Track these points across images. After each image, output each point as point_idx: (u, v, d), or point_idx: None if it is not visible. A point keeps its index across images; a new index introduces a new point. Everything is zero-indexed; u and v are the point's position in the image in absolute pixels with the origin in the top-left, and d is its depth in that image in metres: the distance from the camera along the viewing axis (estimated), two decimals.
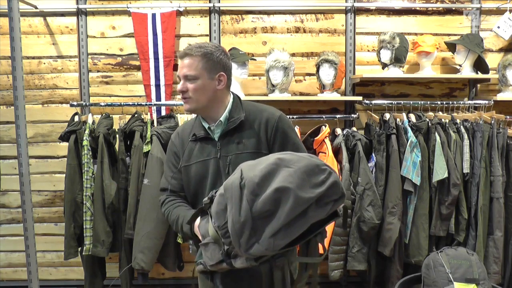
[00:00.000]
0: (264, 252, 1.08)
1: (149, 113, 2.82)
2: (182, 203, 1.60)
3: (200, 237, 1.33)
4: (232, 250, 1.15)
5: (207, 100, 1.52)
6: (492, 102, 2.96)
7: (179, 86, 1.51)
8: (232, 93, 1.62)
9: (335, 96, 2.97)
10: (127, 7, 3.05)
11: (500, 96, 3.02)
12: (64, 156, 3.04)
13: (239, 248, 1.09)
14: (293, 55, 3.07)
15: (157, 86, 3.09)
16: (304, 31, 3.18)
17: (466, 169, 2.74)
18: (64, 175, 2.79)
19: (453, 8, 3.18)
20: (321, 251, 1.34)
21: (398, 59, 2.89)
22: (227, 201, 1.11)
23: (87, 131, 2.71)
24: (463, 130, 2.79)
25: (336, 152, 2.81)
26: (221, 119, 1.53)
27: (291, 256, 1.24)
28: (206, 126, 1.56)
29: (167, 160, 1.65)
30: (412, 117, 2.83)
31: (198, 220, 1.37)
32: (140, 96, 3.17)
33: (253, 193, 1.06)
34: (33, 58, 3.16)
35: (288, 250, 1.17)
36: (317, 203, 1.09)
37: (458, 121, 2.84)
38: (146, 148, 2.66)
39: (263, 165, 1.10)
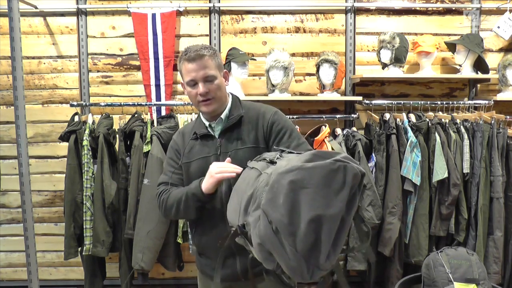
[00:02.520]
0: (325, 272, 1.06)
1: (149, 113, 2.82)
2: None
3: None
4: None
5: (224, 97, 1.56)
6: (492, 102, 2.96)
7: (201, 89, 1.48)
8: (231, 93, 1.65)
9: (335, 96, 2.97)
10: (127, 7, 3.05)
11: (500, 96, 3.02)
12: (64, 156, 3.04)
13: (302, 280, 1.06)
14: (293, 55, 3.07)
15: (157, 86, 3.09)
16: (304, 31, 3.18)
17: (466, 169, 2.74)
18: (64, 175, 2.79)
19: (453, 8, 3.18)
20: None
21: (398, 59, 2.88)
22: (270, 250, 1.08)
23: (87, 131, 2.71)
24: (463, 130, 2.79)
25: None
26: (221, 116, 1.55)
27: (347, 252, 1.22)
28: (207, 124, 1.57)
29: (168, 157, 1.65)
30: (412, 117, 2.83)
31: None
32: (140, 96, 3.17)
33: (290, 235, 1.01)
34: (33, 58, 3.16)
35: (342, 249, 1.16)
36: (346, 203, 1.03)
37: (458, 121, 2.84)
38: (146, 148, 2.66)
39: (281, 197, 1.03)
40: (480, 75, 3.01)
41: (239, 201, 1.23)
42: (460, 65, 3.05)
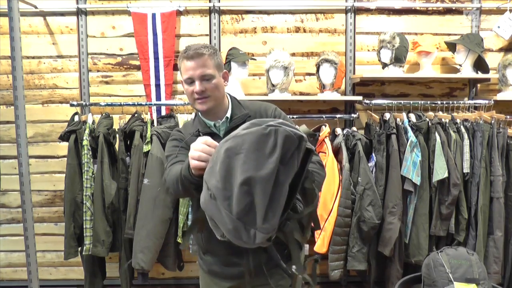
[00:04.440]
0: (268, 236, 1.09)
1: (149, 113, 2.82)
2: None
3: None
4: None
5: (222, 97, 1.56)
6: (492, 102, 2.96)
7: (197, 87, 1.48)
8: (227, 93, 1.65)
9: (335, 96, 2.97)
10: (127, 7, 3.05)
11: (500, 96, 3.02)
12: (64, 156, 3.04)
13: (246, 245, 1.10)
14: (293, 55, 3.07)
15: (157, 86, 3.09)
16: (304, 31, 3.18)
17: (466, 169, 2.74)
18: (64, 175, 2.79)
19: (453, 8, 3.18)
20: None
21: (398, 59, 2.88)
22: (211, 216, 1.13)
23: (87, 131, 2.72)
24: (463, 130, 2.79)
25: (336, 152, 2.81)
26: (227, 115, 1.56)
27: (294, 216, 1.23)
28: (211, 123, 1.57)
29: (169, 146, 1.62)
30: (412, 117, 2.83)
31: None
32: (140, 96, 3.17)
33: (224, 199, 1.05)
34: (33, 58, 3.16)
35: (288, 213, 1.17)
36: (282, 164, 1.06)
37: (458, 121, 2.84)
38: (146, 148, 2.66)
39: (218, 164, 1.08)
40: (480, 75, 3.01)
41: None
42: (460, 65, 3.05)
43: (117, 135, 2.80)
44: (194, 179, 1.31)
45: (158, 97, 3.10)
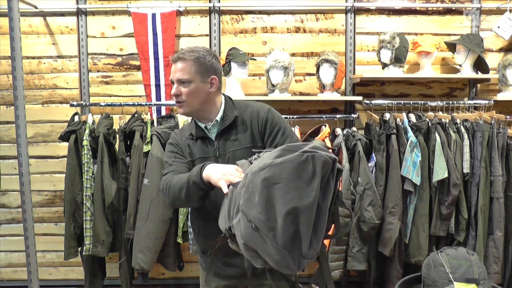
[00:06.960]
0: (312, 260, 1.10)
1: (149, 113, 2.82)
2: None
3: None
4: None
5: (201, 103, 1.55)
6: (492, 102, 2.96)
7: (172, 90, 1.53)
8: (224, 94, 1.65)
9: (335, 96, 2.97)
10: (127, 7, 3.05)
11: (500, 96, 3.02)
12: (64, 156, 3.04)
13: (291, 271, 1.11)
14: (293, 55, 3.07)
15: (157, 86, 3.09)
16: (304, 31, 3.18)
17: (466, 169, 2.74)
18: (64, 175, 2.79)
19: (453, 8, 3.18)
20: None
21: (398, 59, 2.88)
22: (254, 248, 1.12)
23: (87, 131, 2.72)
24: (463, 130, 2.79)
25: (336, 152, 2.81)
26: (217, 118, 1.57)
27: (331, 238, 1.26)
28: (203, 126, 1.58)
29: (168, 151, 1.65)
30: (412, 117, 2.83)
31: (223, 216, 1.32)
32: (140, 96, 3.17)
33: (269, 230, 1.05)
34: (33, 58, 3.16)
35: (326, 235, 1.18)
36: (321, 189, 1.06)
37: (458, 121, 2.84)
38: (146, 148, 2.67)
39: (256, 195, 1.07)
40: (480, 75, 3.01)
41: (225, 208, 1.25)
42: (460, 65, 3.05)
43: (117, 135, 2.80)
44: (205, 186, 1.36)
45: (158, 97, 3.10)
